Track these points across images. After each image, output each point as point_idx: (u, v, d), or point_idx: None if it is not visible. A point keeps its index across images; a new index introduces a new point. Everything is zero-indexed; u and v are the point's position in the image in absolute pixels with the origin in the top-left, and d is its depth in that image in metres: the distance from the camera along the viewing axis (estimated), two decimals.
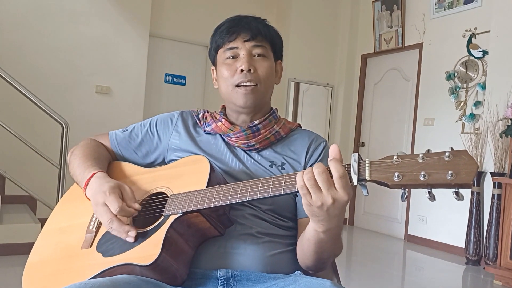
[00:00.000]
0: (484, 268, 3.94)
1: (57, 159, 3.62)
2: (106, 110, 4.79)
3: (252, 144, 1.16)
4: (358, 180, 0.81)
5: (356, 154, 0.83)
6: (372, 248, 5.01)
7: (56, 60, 4.55)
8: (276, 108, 1.25)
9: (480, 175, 4.27)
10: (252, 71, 1.13)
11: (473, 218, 4.22)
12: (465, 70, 4.69)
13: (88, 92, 4.73)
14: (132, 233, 0.96)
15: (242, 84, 1.13)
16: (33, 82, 4.19)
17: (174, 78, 5.46)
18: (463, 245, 4.35)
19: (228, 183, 0.98)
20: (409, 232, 5.19)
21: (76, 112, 4.55)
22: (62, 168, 3.56)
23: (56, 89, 4.52)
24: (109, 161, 1.24)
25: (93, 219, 1.08)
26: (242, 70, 1.12)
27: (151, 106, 5.22)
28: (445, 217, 4.73)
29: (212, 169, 1.02)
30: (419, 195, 5.05)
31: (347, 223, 6.00)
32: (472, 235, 4.19)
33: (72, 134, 3.62)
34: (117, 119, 4.75)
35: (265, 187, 0.90)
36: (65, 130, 3.55)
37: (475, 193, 4.24)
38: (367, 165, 0.81)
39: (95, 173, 1.08)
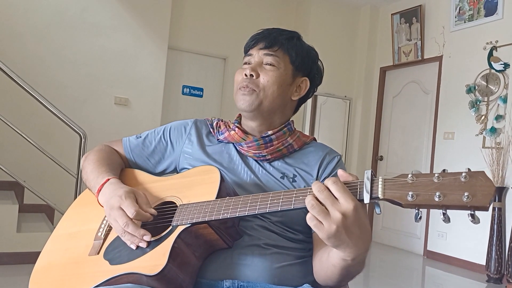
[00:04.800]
0: (506, 286, 3.82)
1: (75, 169, 3.66)
2: (124, 121, 4.86)
3: (263, 154, 1.15)
4: (371, 198, 0.78)
5: (370, 171, 0.79)
6: (390, 264, 4.91)
7: (77, 72, 4.64)
8: (292, 120, 1.24)
9: (502, 191, 4.17)
10: (254, 77, 1.14)
11: (495, 235, 4.11)
12: (485, 83, 4.61)
13: (107, 103, 4.80)
14: (147, 237, 0.95)
15: (241, 87, 1.15)
16: (54, 93, 4.27)
17: (192, 90, 5.50)
18: (484, 262, 4.23)
19: (238, 195, 0.96)
20: (428, 248, 5.07)
21: (94, 123, 4.61)
22: (80, 178, 3.59)
23: (75, 100, 4.60)
24: (121, 168, 1.24)
25: (102, 225, 1.08)
26: (246, 75, 1.15)
27: (169, 117, 5.26)
28: (465, 233, 4.61)
29: (222, 180, 1.01)
30: (439, 210, 4.93)
31: None
32: (494, 252, 4.08)
33: (90, 144, 3.65)
34: (135, 130, 4.73)
35: (275, 201, 0.88)
36: (83, 140, 3.59)
37: (496, 208, 4.13)
38: (380, 183, 0.78)
39: (108, 179, 1.08)
